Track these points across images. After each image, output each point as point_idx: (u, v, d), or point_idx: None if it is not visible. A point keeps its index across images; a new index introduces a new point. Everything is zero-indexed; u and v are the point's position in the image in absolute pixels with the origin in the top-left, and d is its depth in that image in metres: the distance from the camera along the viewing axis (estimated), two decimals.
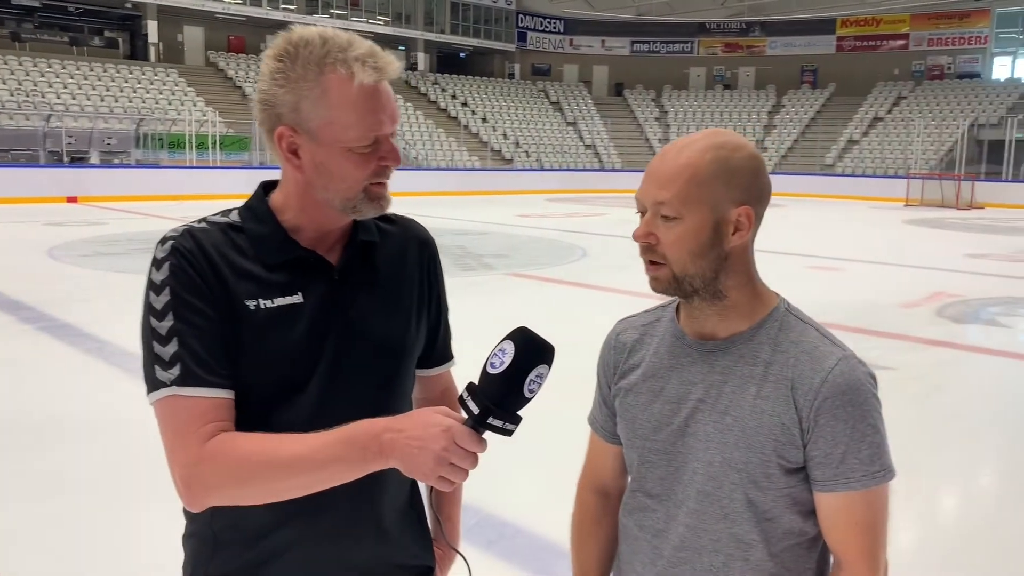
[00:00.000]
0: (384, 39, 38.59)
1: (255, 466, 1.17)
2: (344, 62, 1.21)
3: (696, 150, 1.22)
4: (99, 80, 28.60)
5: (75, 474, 4.32)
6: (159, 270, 1.23)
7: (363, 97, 1.22)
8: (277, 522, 1.29)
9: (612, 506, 1.48)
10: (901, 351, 7.27)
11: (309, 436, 1.17)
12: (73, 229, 15.57)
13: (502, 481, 4.12)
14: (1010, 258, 14.14)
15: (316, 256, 1.31)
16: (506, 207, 23.91)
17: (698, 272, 1.23)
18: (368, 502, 1.34)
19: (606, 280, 10.42)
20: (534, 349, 1.14)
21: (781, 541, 1.27)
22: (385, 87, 1.25)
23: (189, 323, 1.21)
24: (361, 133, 1.23)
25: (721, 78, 43.30)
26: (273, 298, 1.27)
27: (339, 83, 1.21)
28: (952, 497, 4.56)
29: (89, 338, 7.17)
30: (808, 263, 12.93)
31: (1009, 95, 35.26)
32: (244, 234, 1.29)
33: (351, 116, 1.22)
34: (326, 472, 1.17)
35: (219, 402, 1.21)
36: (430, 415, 1.15)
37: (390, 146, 1.27)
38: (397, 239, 1.44)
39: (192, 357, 1.20)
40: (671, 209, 1.21)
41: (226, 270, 1.25)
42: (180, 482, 1.19)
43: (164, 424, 1.21)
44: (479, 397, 1.13)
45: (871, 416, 1.22)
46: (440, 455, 1.11)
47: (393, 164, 1.28)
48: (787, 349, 1.25)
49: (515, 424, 1.15)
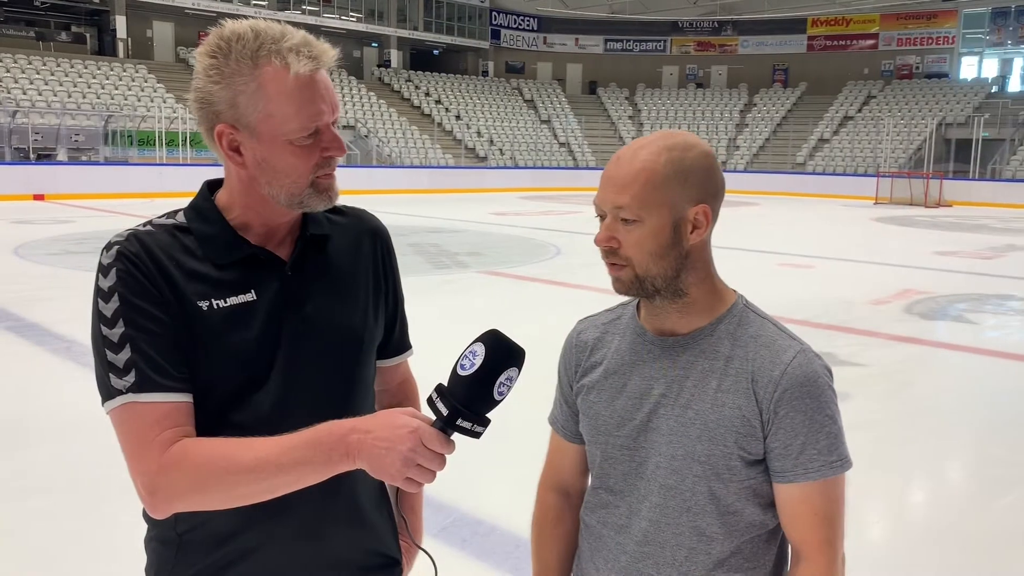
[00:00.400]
0: (357, 36, 38.44)
1: (218, 472, 1.15)
2: (278, 53, 1.19)
3: (650, 153, 1.24)
4: (66, 76, 28.18)
5: (43, 474, 4.26)
6: (106, 276, 1.20)
7: (300, 87, 1.20)
8: (243, 523, 1.27)
9: (572, 505, 1.49)
10: (871, 347, 7.36)
11: (273, 439, 1.15)
12: (40, 227, 15.34)
13: (477, 480, 4.11)
14: (977, 255, 14.36)
15: (267, 253, 1.30)
16: (480, 205, 23.90)
17: (660, 272, 1.26)
18: (336, 499, 1.33)
19: (580, 278, 10.44)
20: (505, 352, 1.14)
21: (743, 534, 1.29)
22: (322, 76, 1.23)
23: (141, 328, 1.19)
24: (301, 124, 1.21)
25: (694, 77, 43.57)
26: (226, 297, 1.25)
27: (275, 75, 1.19)
28: (921, 491, 4.62)
29: (57, 338, 7.07)
30: (779, 260, 13.06)
31: (976, 94, 35.81)
32: (192, 235, 1.27)
33: (289, 108, 1.20)
34: (291, 475, 1.15)
35: (177, 406, 1.19)
36: (397, 416, 1.14)
37: (332, 135, 1.26)
38: (349, 230, 1.42)
39: (147, 363, 1.18)
40: (630, 212, 1.23)
41: (175, 272, 1.23)
42: (143, 490, 1.17)
43: (123, 432, 1.19)
44: (448, 399, 1.13)
45: (828, 407, 1.25)
46: (407, 456, 1.10)
47: (337, 154, 1.27)
48: (746, 343, 1.28)
49: (484, 426, 1.14)
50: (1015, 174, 30.32)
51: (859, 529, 3.81)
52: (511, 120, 39.06)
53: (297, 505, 1.25)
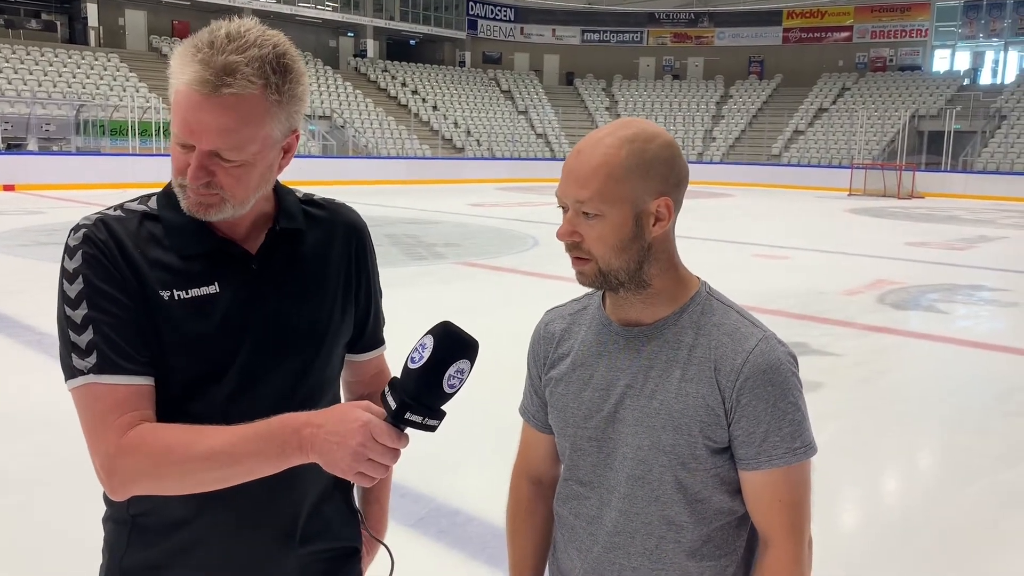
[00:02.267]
0: (332, 25, 38.13)
1: (174, 459, 1.16)
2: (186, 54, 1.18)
3: (610, 145, 1.23)
4: (36, 64, 27.72)
5: (16, 468, 4.21)
6: (72, 258, 1.21)
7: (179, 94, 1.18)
8: (195, 509, 1.28)
9: (546, 494, 1.50)
10: (844, 337, 7.44)
11: (230, 429, 1.15)
12: (10, 218, 15.13)
13: (454, 470, 4.12)
14: (948, 246, 14.54)
15: (233, 246, 1.29)
16: (457, 196, 23.84)
17: (623, 265, 1.26)
18: (287, 487, 1.32)
19: (557, 269, 10.44)
20: (454, 343, 1.13)
21: (712, 521, 1.30)
22: (207, 97, 1.15)
23: (104, 311, 1.19)
24: (176, 128, 1.19)
25: (670, 68, 43.68)
26: (188, 288, 1.25)
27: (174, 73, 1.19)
28: (892, 480, 4.68)
29: (28, 330, 6.99)
30: (754, 251, 13.15)
31: (948, 87, 36.20)
32: (159, 223, 1.27)
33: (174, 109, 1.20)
34: (244, 466, 1.16)
35: (138, 389, 1.20)
36: (350, 410, 1.14)
37: (192, 161, 1.19)
38: (324, 224, 1.41)
39: (108, 345, 1.18)
40: (592, 207, 1.23)
41: (139, 259, 1.23)
42: (101, 471, 1.18)
43: (83, 412, 1.20)
44: (397, 392, 1.12)
45: (791, 394, 1.25)
46: (357, 451, 1.10)
47: (187, 181, 1.20)
48: (709, 332, 1.28)
49: (437, 419, 1.14)
50: (986, 166, 30.72)
51: (829, 518, 3.86)
52: (488, 111, 38.97)
53: (247, 494, 1.24)
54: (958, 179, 29.91)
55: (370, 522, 1.55)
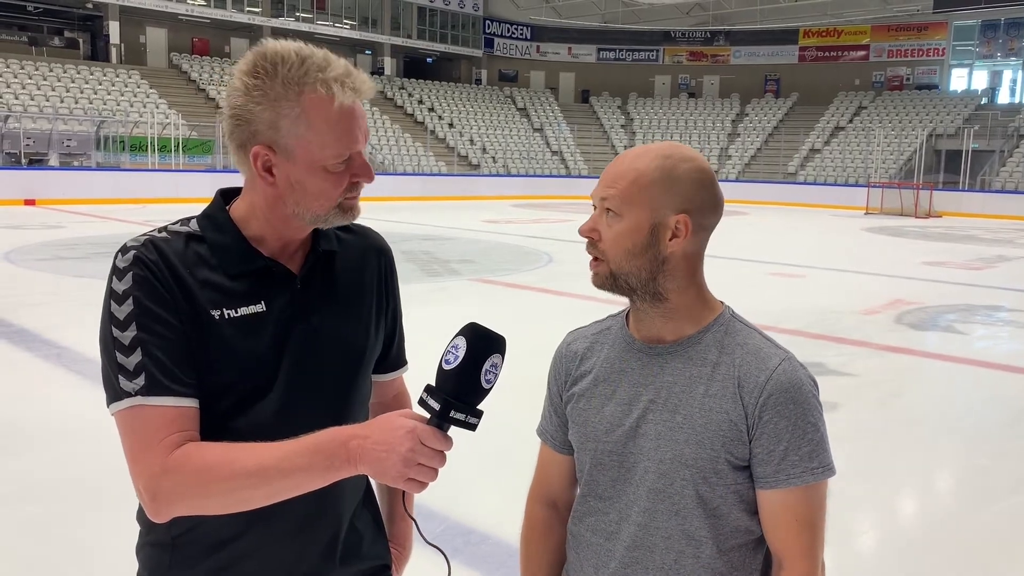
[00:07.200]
0: (350, 43, 38.46)
1: (221, 477, 1.17)
2: (324, 83, 1.22)
3: (647, 157, 1.30)
4: (59, 81, 28.11)
5: (34, 482, 4.24)
6: (121, 280, 1.22)
7: (342, 117, 1.24)
8: (236, 528, 1.29)
9: (561, 518, 1.50)
10: (861, 357, 7.39)
11: (275, 445, 1.17)
12: (31, 232, 15.29)
13: (468, 488, 4.11)
14: (966, 266, 14.44)
15: (279, 266, 1.32)
16: (472, 212, 23.91)
17: (632, 271, 1.29)
18: (326, 504, 1.35)
19: (571, 286, 10.44)
20: (486, 340, 1.17)
21: (729, 539, 1.30)
22: (359, 106, 1.27)
23: (153, 333, 1.20)
24: (337, 152, 1.24)
25: (686, 86, 43.73)
26: (237, 307, 1.27)
27: (319, 104, 1.22)
28: (910, 501, 4.63)
29: (48, 344, 7.04)
30: (770, 270, 13.10)
31: (966, 106, 36.04)
32: (205, 244, 1.30)
33: (329, 136, 1.23)
34: (292, 481, 1.17)
35: (184, 411, 1.21)
36: (394, 419, 1.16)
37: (362, 162, 1.29)
38: (356, 248, 1.46)
39: (157, 367, 1.19)
40: (613, 203, 1.29)
41: (189, 280, 1.25)
42: (145, 493, 1.18)
43: (128, 434, 1.20)
44: (438, 393, 1.15)
45: (812, 415, 1.27)
46: (407, 456, 1.12)
47: (365, 181, 1.30)
48: (733, 351, 1.31)
49: (477, 418, 1.16)
50: (1004, 185, 30.52)
51: (847, 539, 3.83)
52: (504, 128, 39.13)
53: (293, 511, 1.27)
54: (976, 198, 29.72)
55: (396, 539, 1.57)
